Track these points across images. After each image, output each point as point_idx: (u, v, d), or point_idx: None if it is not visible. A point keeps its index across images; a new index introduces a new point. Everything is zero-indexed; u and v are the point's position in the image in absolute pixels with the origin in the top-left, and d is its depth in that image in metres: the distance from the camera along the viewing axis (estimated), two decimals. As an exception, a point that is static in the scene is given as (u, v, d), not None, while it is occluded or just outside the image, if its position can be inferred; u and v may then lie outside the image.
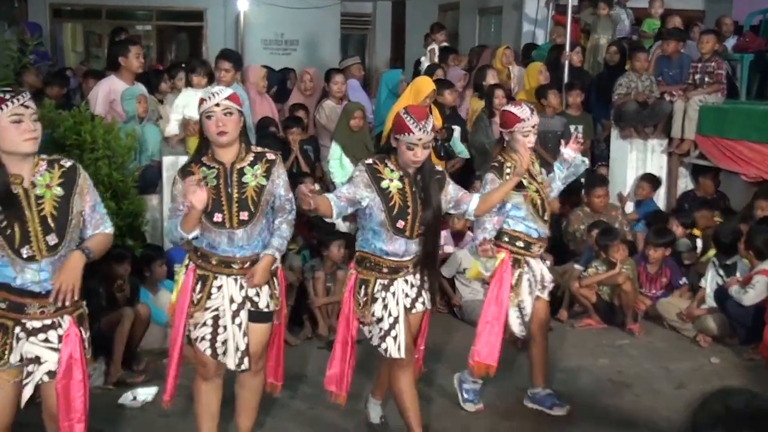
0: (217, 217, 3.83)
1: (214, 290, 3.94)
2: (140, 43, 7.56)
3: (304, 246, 6.98)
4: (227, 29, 14.98)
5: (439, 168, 4.25)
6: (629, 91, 8.44)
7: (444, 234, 6.97)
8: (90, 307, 3.62)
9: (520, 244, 4.80)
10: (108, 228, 3.53)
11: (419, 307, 4.25)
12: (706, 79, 8.27)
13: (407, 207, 4.06)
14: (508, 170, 4.70)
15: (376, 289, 4.17)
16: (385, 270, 4.15)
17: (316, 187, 4.23)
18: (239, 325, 3.95)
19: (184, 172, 3.90)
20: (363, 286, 4.19)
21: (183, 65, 8.26)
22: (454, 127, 7.97)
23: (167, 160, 7.02)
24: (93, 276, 5.78)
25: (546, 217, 4.84)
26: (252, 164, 3.92)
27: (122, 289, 5.67)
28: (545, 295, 4.99)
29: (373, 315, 4.17)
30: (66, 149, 5.82)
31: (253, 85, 8.02)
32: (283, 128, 7.87)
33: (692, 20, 10.81)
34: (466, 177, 7.55)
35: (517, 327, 4.87)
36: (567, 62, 9.29)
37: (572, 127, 8.59)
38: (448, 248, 7.11)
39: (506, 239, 4.80)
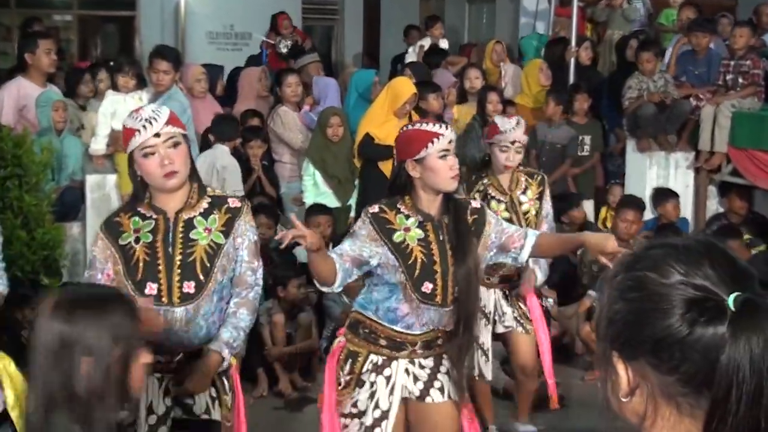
0: (151, 289, 3.33)
1: None
2: (53, 37, 7.54)
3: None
4: (165, 20, 14.94)
5: (476, 204, 3.88)
6: (641, 93, 8.49)
7: None
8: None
9: None
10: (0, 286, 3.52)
11: (436, 396, 3.76)
12: (740, 80, 8.33)
13: (433, 264, 3.65)
14: (481, 187, 4.97)
15: (365, 368, 3.72)
16: (382, 342, 3.71)
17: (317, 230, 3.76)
18: None
19: (109, 225, 3.44)
20: (350, 361, 3.75)
21: (111, 63, 8.24)
22: (439, 138, 7.99)
23: (91, 180, 6.98)
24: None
25: None
26: (206, 214, 3.42)
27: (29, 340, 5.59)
28: (515, 327, 5.12)
29: (355, 405, 3.72)
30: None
31: (189, 89, 7.98)
32: (241, 141, 7.83)
33: (722, 10, 10.90)
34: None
35: None
36: (573, 60, 9.34)
37: (578, 138, 8.62)
38: None
39: None
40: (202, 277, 3.34)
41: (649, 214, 8.40)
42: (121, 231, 3.40)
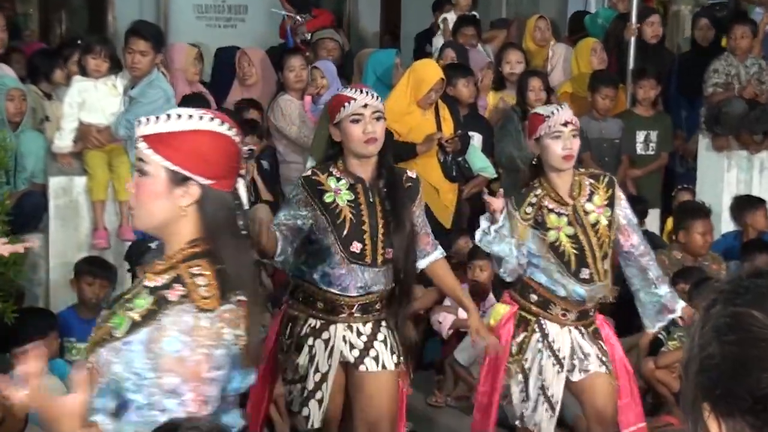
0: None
1: None
2: (4, 11, 7.54)
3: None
4: (144, -9, 14.99)
5: (411, 174, 4.65)
6: (729, 80, 8.42)
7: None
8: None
9: (534, 297, 4.91)
10: None
11: (370, 365, 4.46)
12: (841, 64, 8.30)
13: (362, 224, 4.42)
14: (533, 199, 4.81)
15: (303, 332, 4.48)
16: (319, 306, 4.47)
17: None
18: None
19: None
20: (290, 325, 4.53)
21: (79, 42, 8.23)
22: (472, 133, 7.94)
23: (55, 183, 6.97)
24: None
25: (586, 275, 4.82)
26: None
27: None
28: (598, 368, 4.91)
29: (296, 370, 4.45)
30: None
31: (180, 73, 7.97)
32: None
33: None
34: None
35: (517, 407, 4.95)
36: (633, 39, 9.24)
37: (641, 134, 8.56)
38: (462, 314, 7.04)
39: (519, 287, 5.00)
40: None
41: (729, 226, 8.33)
42: None
